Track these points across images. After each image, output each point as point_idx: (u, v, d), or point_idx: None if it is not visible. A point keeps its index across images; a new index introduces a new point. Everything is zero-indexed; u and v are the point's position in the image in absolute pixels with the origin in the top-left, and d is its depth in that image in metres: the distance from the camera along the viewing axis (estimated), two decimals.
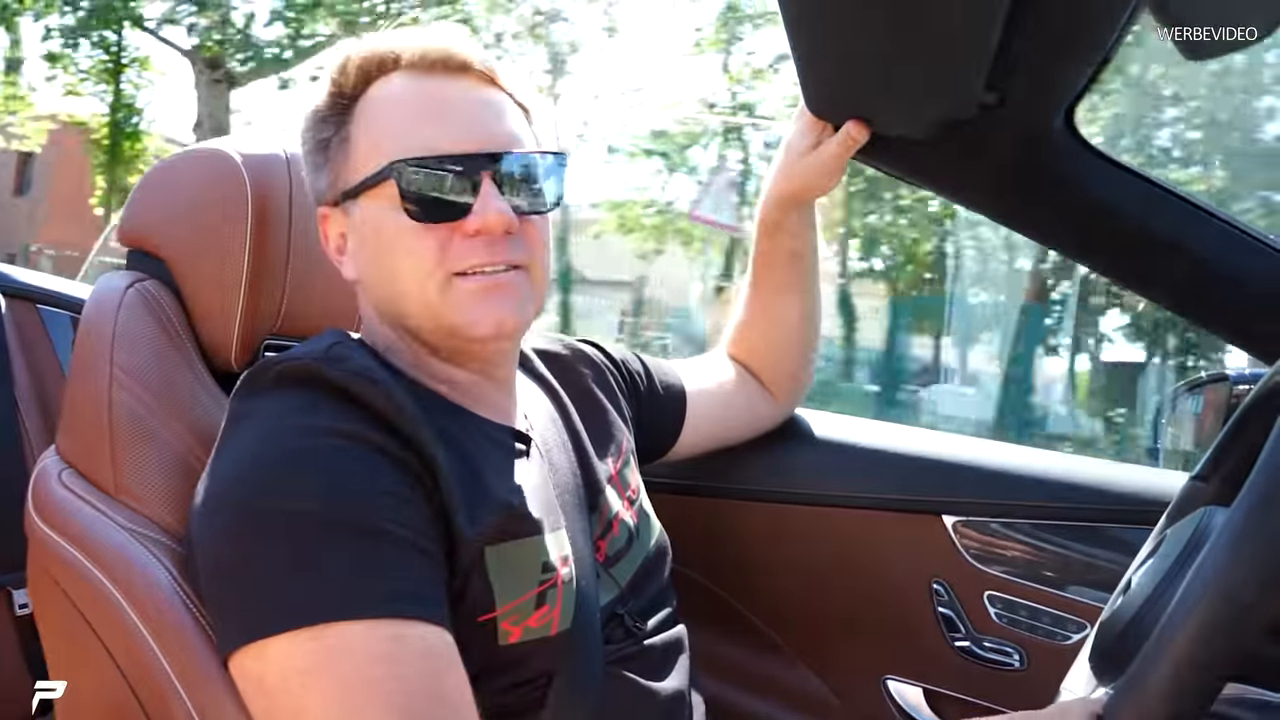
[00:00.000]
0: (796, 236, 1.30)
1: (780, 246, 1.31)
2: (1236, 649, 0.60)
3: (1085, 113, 1.12)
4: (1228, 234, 1.08)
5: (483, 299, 0.88)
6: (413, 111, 0.89)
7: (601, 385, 1.18)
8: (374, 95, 0.92)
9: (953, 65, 0.94)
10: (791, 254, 1.31)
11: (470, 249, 0.88)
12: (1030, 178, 1.13)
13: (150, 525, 0.91)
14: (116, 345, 0.96)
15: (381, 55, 0.91)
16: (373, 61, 0.92)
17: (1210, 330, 1.12)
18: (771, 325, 1.36)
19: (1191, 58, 0.61)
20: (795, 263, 1.32)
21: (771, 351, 1.38)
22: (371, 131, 0.90)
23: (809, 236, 1.32)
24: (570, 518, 0.96)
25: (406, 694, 0.72)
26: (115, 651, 0.88)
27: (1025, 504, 1.30)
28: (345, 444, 0.80)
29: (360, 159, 0.90)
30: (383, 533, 0.77)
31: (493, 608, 0.85)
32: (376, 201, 0.89)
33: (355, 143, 0.91)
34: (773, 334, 1.37)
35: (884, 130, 1.13)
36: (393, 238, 0.89)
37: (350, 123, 0.92)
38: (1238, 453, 0.87)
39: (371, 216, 0.90)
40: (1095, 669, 0.86)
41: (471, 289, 0.88)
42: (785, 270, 1.33)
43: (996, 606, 1.31)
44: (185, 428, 0.96)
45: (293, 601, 0.74)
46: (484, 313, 0.89)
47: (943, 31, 0.88)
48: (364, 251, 0.92)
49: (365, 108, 0.91)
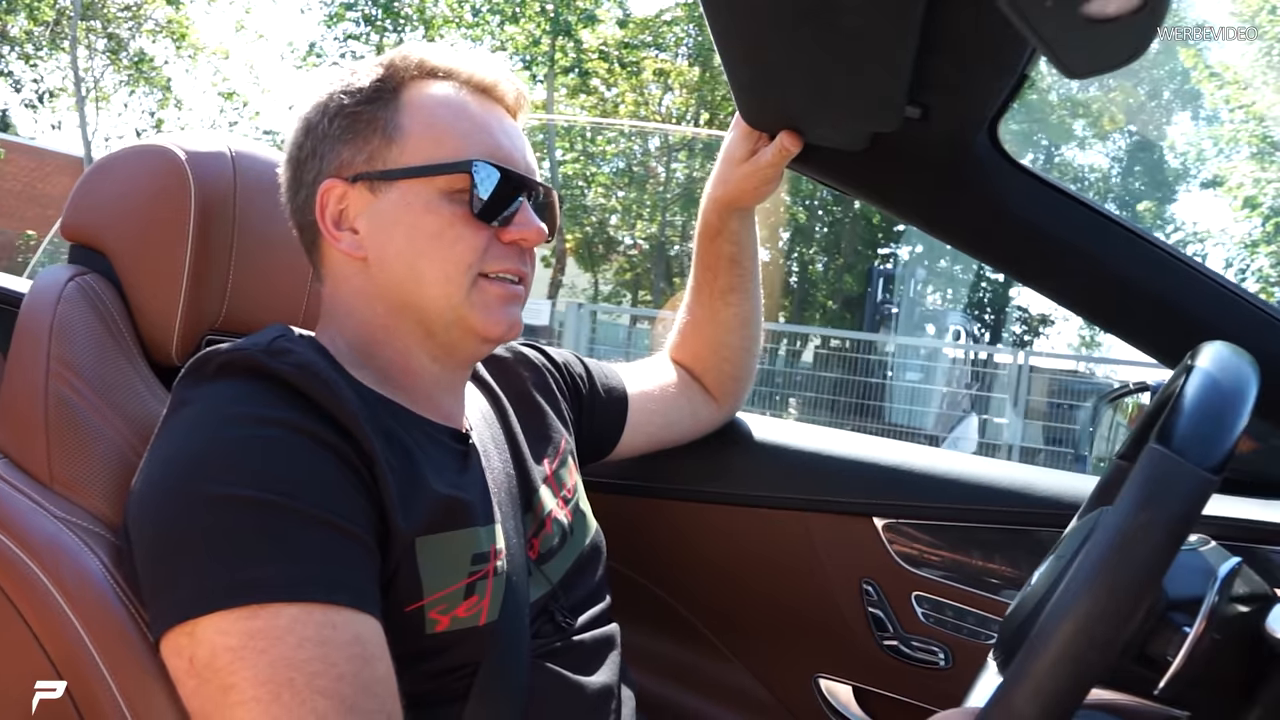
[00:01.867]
0: (735, 242, 1.34)
1: (720, 252, 1.35)
2: (1103, 655, 0.63)
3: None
4: (1141, 248, 1.13)
5: (503, 303, 0.97)
6: (476, 120, 0.98)
7: (540, 388, 1.21)
8: (428, 93, 0.97)
9: (874, 78, 0.97)
10: (731, 259, 1.35)
11: (504, 254, 0.97)
12: (955, 190, 1.17)
13: (85, 515, 0.92)
14: (55, 338, 0.97)
15: (435, 64, 0.98)
16: (428, 65, 0.98)
17: (1122, 338, 1.16)
18: (714, 329, 1.40)
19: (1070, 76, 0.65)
20: (734, 268, 1.36)
21: (714, 354, 1.41)
22: (431, 125, 0.96)
23: (748, 242, 1.35)
24: (504, 514, 0.99)
25: (335, 679, 0.74)
26: (45, 640, 0.88)
27: (952, 506, 1.34)
28: (283, 433, 0.81)
29: (413, 147, 0.95)
30: (318, 520, 0.78)
31: (420, 597, 0.87)
32: (426, 188, 0.94)
33: (406, 131, 0.95)
34: (715, 337, 1.40)
35: (814, 141, 1.17)
36: (440, 225, 0.94)
37: (399, 111, 0.96)
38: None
39: (415, 201, 0.94)
40: (999, 662, 0.89)
41: (496, 292, 0.97)
42: (726, 275, 1.36)
43: (924, 606, 1.35)
44: (122, 420, 0.97)
45: (226, 582, 0.75)
46: (502, 315, 0.97)
47: (861, 47, 0.91)
48: (392, 232, 0.95)
49: (417, 100, 0.97)
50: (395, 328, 0.98)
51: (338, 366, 0.93)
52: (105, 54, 17.32)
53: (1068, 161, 23.62)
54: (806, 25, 0.88)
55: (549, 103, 17.43)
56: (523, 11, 17.07)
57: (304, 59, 18.44)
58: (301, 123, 1.00)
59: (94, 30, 16.91)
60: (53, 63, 17.77)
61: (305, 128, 0.99)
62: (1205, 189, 18.37)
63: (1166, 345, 1.14)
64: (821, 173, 1.25)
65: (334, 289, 1.00)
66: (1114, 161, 23.95)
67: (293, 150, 1.00)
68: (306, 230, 1.00)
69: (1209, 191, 17.87)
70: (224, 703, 0.74)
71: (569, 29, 16.74)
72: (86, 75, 16.93)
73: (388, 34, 17.68)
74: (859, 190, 1.26)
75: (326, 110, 0.98)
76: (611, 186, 18.68)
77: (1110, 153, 23.82)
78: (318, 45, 18.46)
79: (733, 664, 1.47)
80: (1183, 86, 19.30)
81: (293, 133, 1.01)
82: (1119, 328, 1.17)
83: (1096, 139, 23.04)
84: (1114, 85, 20.86)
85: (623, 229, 19.04)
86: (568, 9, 16.77)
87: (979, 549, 1.33)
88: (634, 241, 19.28)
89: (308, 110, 0.99)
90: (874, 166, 1.19)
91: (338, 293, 1.00)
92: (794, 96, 1.07)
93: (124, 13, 17.11)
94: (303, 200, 0.99)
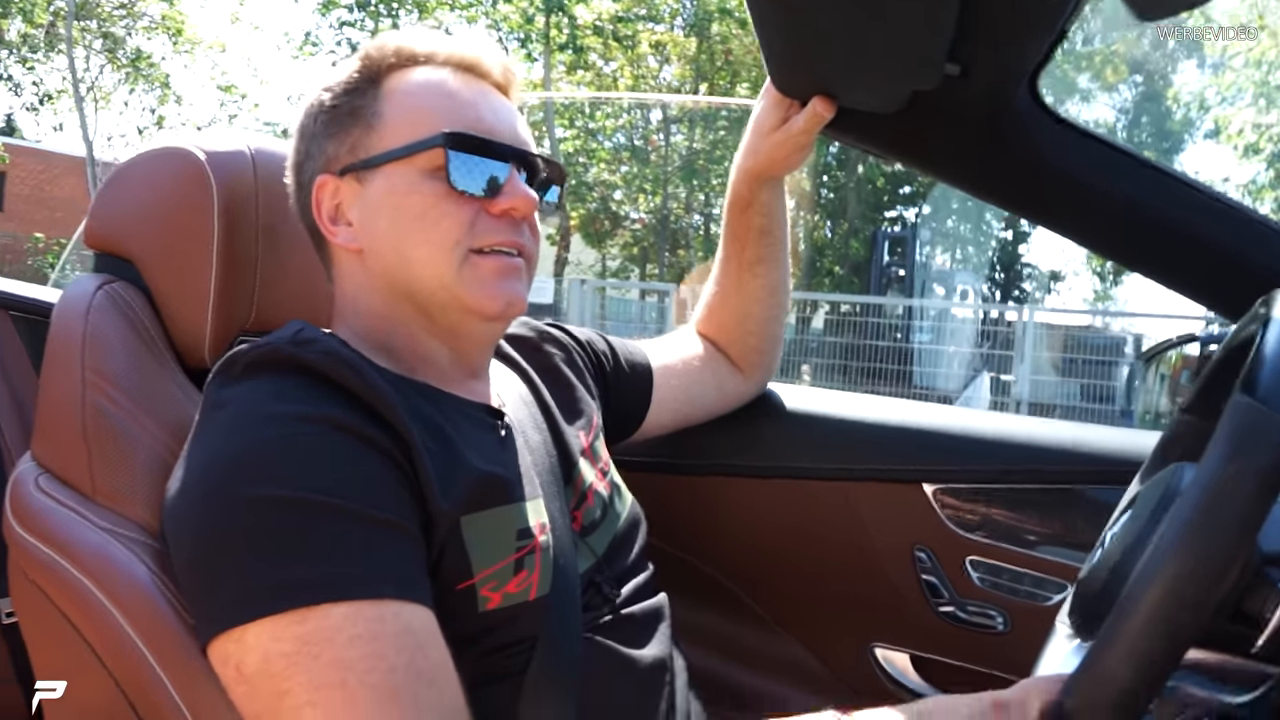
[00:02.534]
0: (765, 213, 1.32)
1: (750, 224, 1.32)
2: (1197, 616, 0.61)
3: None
4: (1190, 197, 1.10)
5: (498, 278, 0.94)
6: (455, 96, 0.95)
7: (569, 364, 1.20)
8: (408, 79, 0.96)
9: (915, 38, 0.95)
10: (761, 230, 1.33)
11: (495, 227, 0.94)
12: (996, 146, 1.14)
13: (129, 525, 0.91)
14: (87, 348, 0.96)
15: (414, 49, 0.96)
16: (406, 52, 0.96)
17: (1176, 289, 1.14)
18: (742, 300, 1.38)
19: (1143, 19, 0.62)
20: (764, 238, 1.33)
21: (739, 326, 1.39)
22: (408, 108, 0.94)
23: (778, 212, 1.33)
24: (546, 488, 0.98)
25: (387, 672, 0.73)
26: (102, 652, 0.88)
27: (1003, 469, 1.32)
28: (316, 429, 0.80)
29: (391, 131, 0.94)
30: (358, 515, 0.77)
31: (470, 575, 0.86)
32: (408, 170, 0.93)
33: (385, 117, 0.94)
34: (742, 309, 1.38)
35: (850, 105, 1.14)
36: (424, 205, 0.92)
37: (379, 100, 0.95)
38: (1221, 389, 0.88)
39: (399, 184, 0.93)
40: (1076, 628, 0.87)
41: (490, 266, 0.94)
42: (755, 246, 1.34)
43: (979, 571, 1.33)
44: (160, 426, 0.96)
45: (272, 586, 0.74)
46: (498, 290, 0.94)
47: (902, 5, 0.88)
48: (379, 219, 0.94)
49: (397, 87, 0.96)
50: (398, 316, 0.97)
51: (360, 355, 0.91)
52: (102, 53, 17.29)
53: (1072, 116, 23.39)
54: None
55: (546, 80, 17.32)
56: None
57: (300, 49, 18.37)
58: (297, 129, 1.00)
59: (90, 30, 16.86)
60: (51, 65, 17.76)
61: (300, 133, 0.99)
62: (1209, 139, 18.23)
63: (1223, 295, 1.12)
64: (856, 137, 1.22)
65: (342, 286, 1.00)
66: (1120, 114, 23.73)
67: (293, 157, 1.00)
68: (314, 232, 1.00)
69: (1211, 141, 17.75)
70: (279, 708, 0.73)
71: (562, 5, 16.59)
72: (85, 75, 16.92)
73: (382, 19, 17.58)
74: (896, 152, 1.23)
75: (312, 111, 0.98)
76: (613, 161, 18.61)
77: (1116, 104, 23.60)
78: (313, 34, 18.42)
79: (781, 635, 1.46)
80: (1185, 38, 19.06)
81: (292, 140, 1.01)
82: (1172, 279, 1.14)
83: (1102, 90, 22.82)
84: (1116, 36, 20.63)
85: (626, 204, 18.98)
86: None
87: (1032, 510, 1.31)
88: (638, 215, 19.23)
89: (301, 116, 1.00)
90: (911, 127, 1.16)
91: (344, 289, 0.99)
92: (831, 60, 1.04)
93: (119, 11, 17.05)
94: (304, 202, 0.99)
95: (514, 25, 17.03)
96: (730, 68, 18.81)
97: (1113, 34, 20.24)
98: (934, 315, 11.67)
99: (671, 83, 19.82)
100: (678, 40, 18.77)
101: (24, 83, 17.75)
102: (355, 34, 17.82)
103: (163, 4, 17.16)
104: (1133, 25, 18.99)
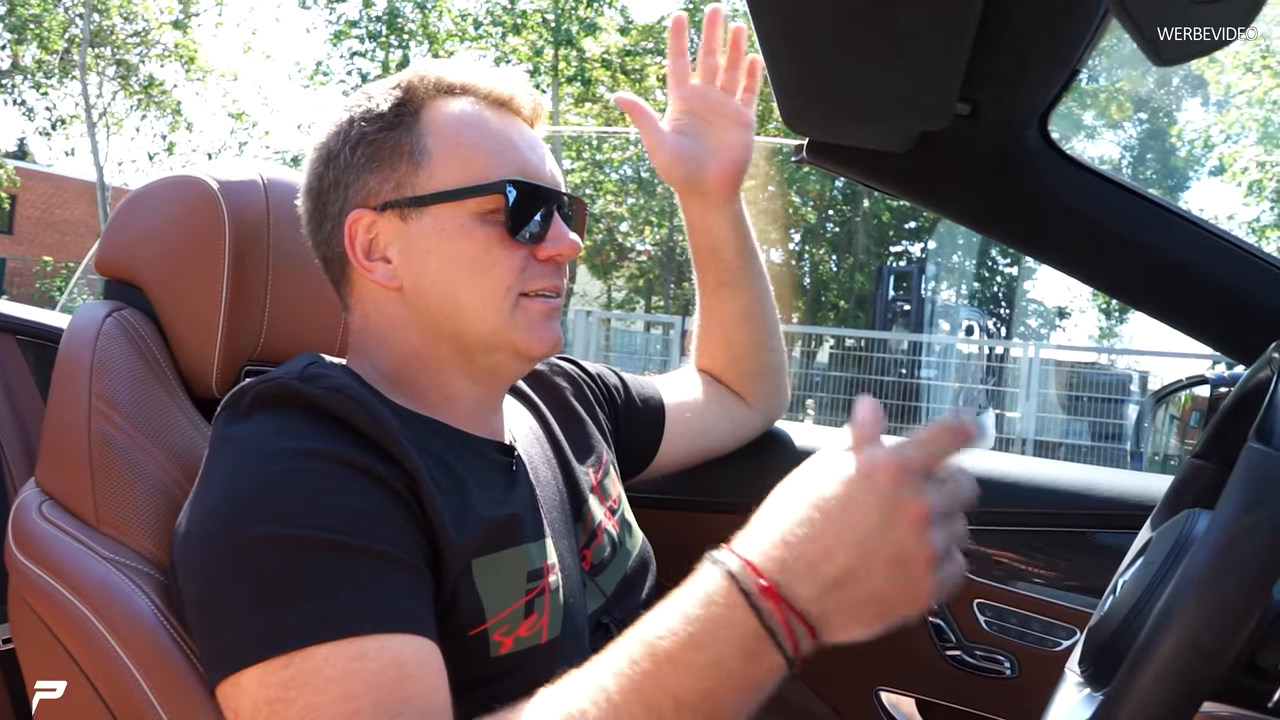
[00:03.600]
0: (706, 232, 1.28)
1: (698, 245, 1.30)
2: (1213, 668, 0.60)
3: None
4: (1199, 238, 1.10)
5: (546, 321, 0.96)
6: (499, 137, 0.95)
7: (580, 399, 1.19)
8: (448, 112, 0.94)
9: (927, 78, 0.95)
10: (709, 251, 1.30)
11: (542, 272, 0.95)
12: (1005, 185, 1.14)
13: (132, 555, 0.90)
14: (95, 375, 0.96)
15: (451, 81, 0.95)
16: (444, 84, 0.95)
17: (1183, 330, 1.13)
18: (720, 327, 1.35)
19: (1160, 64, 0.62)
20: (714, 258, 1.30)
21: (726, 352, 1.37)
22: (458, 146, 0.93)
23: (726, 235, 1.28)
24: (555, 528, 0.97)
25: (351, 714, 0.71)
26: (99, 684, 0.87)
27: (1011, 511, 1.31)
28: (320, 464, 0.79)
29: (441, 170, 0.92)
30: (359, 550, 0.76)
31: (483, 619, 0.85)
32: (458, 212, 0.92)
33: (433, 155, 0.92)
34: (723, 335, 1.36)
35: (860, 142, 1.14)
36: (476, 249, 0.92)
37: (423, 135, 0.93)
38: (1234, 434, 0.87)
39: (449, 226, 0.92)
40: (1086, 676, 0.86)
41: (539, 310, 0.95)
42: (712, 270, 1.31)
43: (986, 614, 1.31)
44: (166, 456, 0.96)
45: (262, 631, 0.74)
46: (546, 333, 0.95)
47: (916, 45, 0.88)
48: (429, 260, 0.92)
49: (438, 121, 0.94)
50: (431, 355, 0.96)
51: (373, 390, 0.91)
52: (115, 80, 17.45)
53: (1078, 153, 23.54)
54: (861, 23, 0.85)
55: (554, 113, 17.45)
56: (525, 23, 17.11)
57: (311, 78, 18.52)
58: (320, 152, 0.96)
59: (103, 57, 17.04)
60: (64, 90, 17.93)
61: (325, 157, 0.96)
62: (1213, 176, 18.30)
63: (1234, 338, 1.11)
64: (865, 175, 1.22)
65: (364, 319, 0.97)
66: (1124, 150, 23.85)
67: (313, 181, 0.97)
68: (333, 262, 0.97)
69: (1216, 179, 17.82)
70: None
71: (571, 38, 16.75)
72: (98, 101, 17.07)
73: (393, 50, 17.75)
74: (904, 190, 1.23)
75: (347, 138, 0.94)
76: (619, 193, 18.71)
77: (1121, 141, 23.72)
78: (324, 64, 18.55)
79: (790, 680, 1.44)
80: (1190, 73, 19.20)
81: (311, 163, 0.97)
82: (1183, 321, 1.13)
83: (1107, 127, 22.95)
84: (1121, 73, 20.77)
85: (632, 235, 19.05)
86: (569, 19, 16.79)
87: (1041, 553, 1.30)
88: (644, 247, 19.29)
89: (326, 139, 0.96)
90: (920, 165, 1.16)
91: (369, 323, 0.97)
92: (842, 97, 1.05)
93: (133, 38, 17.24)
94: (329, 232, 0.96)
95: (523, 57, 17.19)
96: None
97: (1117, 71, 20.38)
98: (939, 350, 11.65)
99: None
100: None
101: (37, 107, 17.89)
102: (366, 64, 17.98)
103: (176, 33, 17.35)
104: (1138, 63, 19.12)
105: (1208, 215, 14.81)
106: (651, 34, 18.54)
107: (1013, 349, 13.72)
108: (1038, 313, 24.17)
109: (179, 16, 17.29)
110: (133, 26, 17.12)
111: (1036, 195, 1.13)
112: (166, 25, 17.23)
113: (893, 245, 20.85)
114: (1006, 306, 22.97)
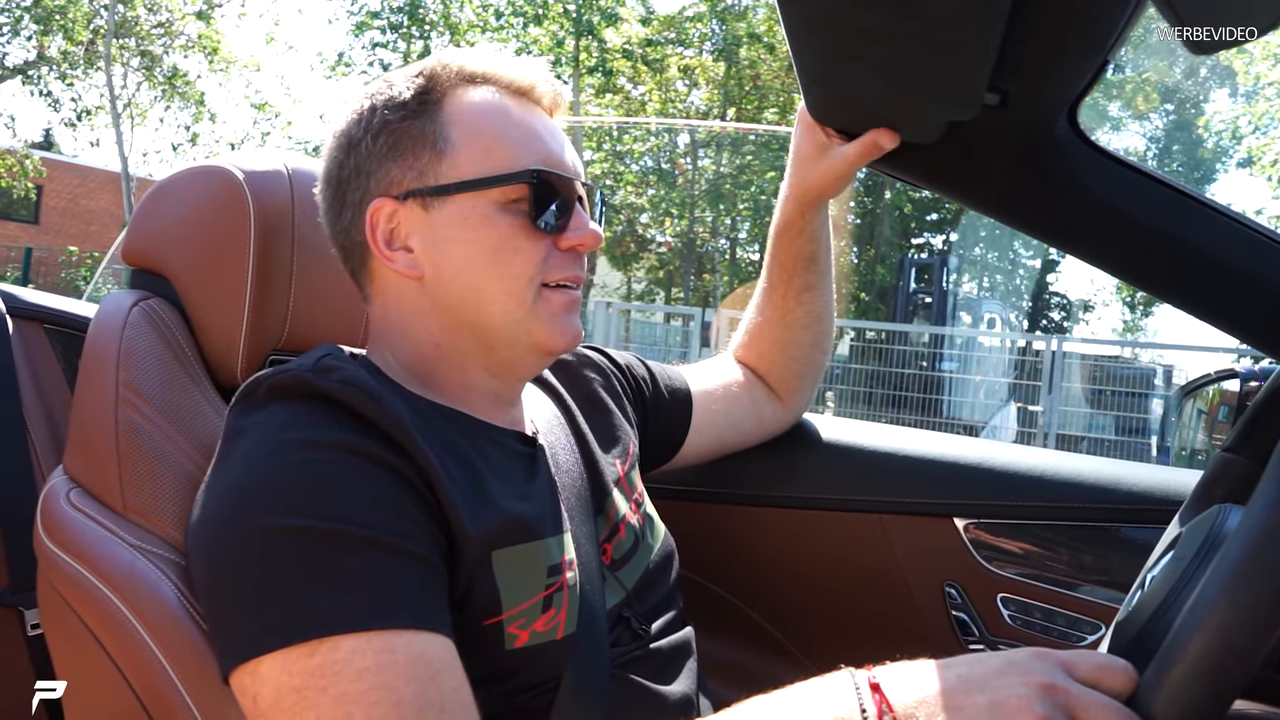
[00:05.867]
0: (815, 239, 1.30)
1: (799, 250, 1.30)
2: (1245, 665, 0.59)
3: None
4: (1235, 231, 1.08)
5: (567, 313, 0.96)
6: (523, 126, 0.95)
7: (607, 389, 1.19)
8: (469, 101, 0.94)
9: (955, 68, 0.94)
10: (810, 257, 1.31)
11: (564, 262, 0.95)
12: (1035, 177, 1.12)
13: (158, 542, 0.91)
14: (122, 364, 0.97)
15: (473, 70, 0.95)
16: (465, 72, 0.95)
17: (1212, 323, 1.11)
18: (786, 328, 1.36)
19: (1196, 53, 0.61)
20: (812, 265, 1.31)
21: (782, 353, 1.37)
22: (482, 135, 0.93)
23: (824, 237, 1.31)
24: (575, 521, 0.97)
25: (394, 704, 0.72)
26: (126, 669, 0.88)
27: (1037, 504, 1.30)
28: (331, 455, 0.80)
29: (465, 159, 0.92)
30: (372, 542, 0.77)
31: (499, 611, 0.85)
32: (481, 201, 0.92)
33: (455, 144, 0.92)
34: (785, 336, 1.36)
35: None
36: (498, 238, 0.92)
37: (445, 124, 0.93)
38: (1267, 428, 0.86)
39: (472, 215, 0.92)
40: None
41: (560, 301, 0.95)
42: (804, 273, 1.32)
43: (1010, 608, 1.30)
44: (191, 444, 0.96)
45: (284, 619, 0.74)
46: (567, 325, 0.96)
47: (945, 35, 0.87)
48: (452, 249, 0.92)
49: (461, 109, 0.94)
50: (452, 345, 0.96)
51: (390, 382, 0.91)
52: (140, 71, 17.57)
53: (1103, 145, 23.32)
54: (891, 11, 0.84)
55: (575, 103, 17.44)
56: (546, 13, 17.09)
57: (333, 68, 18.58)
58: (340, 139, 0.96)
59: (128, 48, 17.14)
60: (89, 81, 18.05)
61: (346, 145, 0.95)
62: (1241, 168, 18.07)
63: (1260, 329, 1.09)
64: (890, 165, 1.20)
65: (385, 308, 0.97)
66: (1150, 142, 23.59)
67: (332, 169, 0.96)
68: (353, 250, 0.97)
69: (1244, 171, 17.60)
70: None
71: (592, 29, 16.73)
72: (122, 92, 17.20)
73: (414, 41, 17.78)
74: (931, 182, 1.22)
75: (369, 127, 0.94)
76: (640, 185, 18.67)
77: (1147, 132, 23.46)
78: (346, 54, 18.61)
79: (811, 671, 1.44)
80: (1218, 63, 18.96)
81: (330, 150, 0.97)
82: (1213, 314, 1.12)
83: (1133, 118, 22.70)
84: (1147, 64, 20.52)
85: (652, 226, 19.02)
86: (591, 9, 16.76)
87: (1066, 547, 1.29)
88: (664, 239, 19.26)
89: (346, 126, 0.96)
90: (947, 156, 1.15)
91: (389, 312, 0.97)
92: (869, 88, 1.03)
93: (157, 30, 17.33)
94: (349, 221, 0.96)
95: (544, 48, 17.17)
96: (758, 93, 18.88)
97: (1144, 61, 20.14)
98: (960, 343, 11.57)
99: (699, 107, 19.90)
100: (706, 65, 18.86)
101: (63, 99, 18.03)
102: (388, 55, 18.03)
103: (200, 24, 17.44)
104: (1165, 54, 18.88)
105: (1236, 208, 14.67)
106: (673, 24, 18.48)
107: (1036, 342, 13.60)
108: (1061, 305, 23.97)
109: (202, 8, 17.35)
110: (157, 18, 17.20)
111: (1065, 186, 1.12)
112: (190, 16, 17.31)
113: (915, 237, 20.73)
114: (1030, 299, 22.80)
